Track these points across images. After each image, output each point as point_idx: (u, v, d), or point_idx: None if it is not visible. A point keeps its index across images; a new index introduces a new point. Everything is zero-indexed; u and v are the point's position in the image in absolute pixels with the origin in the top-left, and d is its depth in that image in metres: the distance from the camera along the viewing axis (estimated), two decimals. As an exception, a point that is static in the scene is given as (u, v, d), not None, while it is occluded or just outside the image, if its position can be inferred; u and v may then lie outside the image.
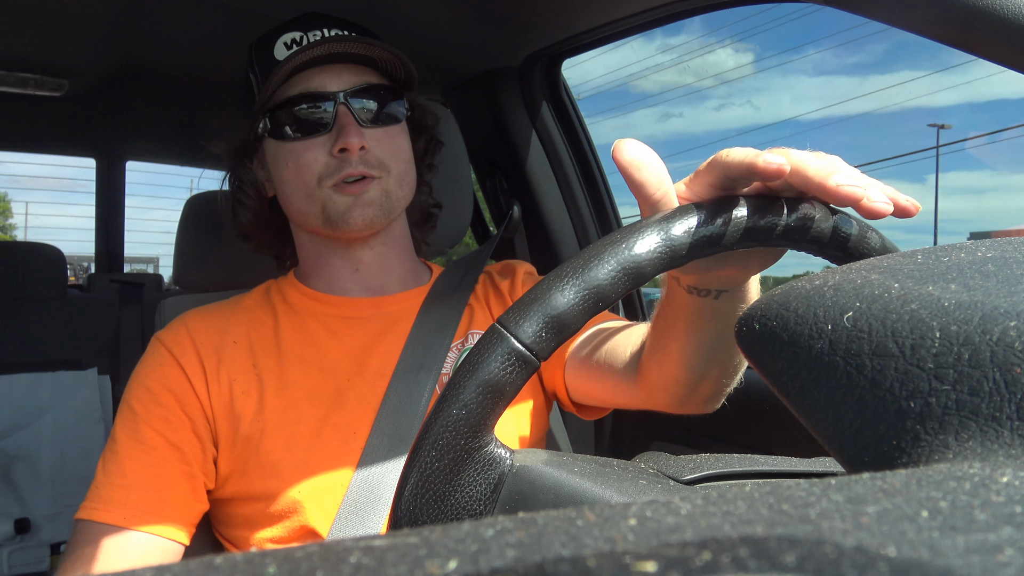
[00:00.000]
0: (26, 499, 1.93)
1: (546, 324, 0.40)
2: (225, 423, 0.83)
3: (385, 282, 0.94)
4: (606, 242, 0.41)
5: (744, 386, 0.71)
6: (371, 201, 0.86)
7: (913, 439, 0.24)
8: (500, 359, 0.39)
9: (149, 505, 0.77)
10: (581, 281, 0.40)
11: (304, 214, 0.89)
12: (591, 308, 0.41)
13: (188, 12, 1.36)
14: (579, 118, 1.51)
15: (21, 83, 1.73)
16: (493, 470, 0.41)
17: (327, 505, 0.81)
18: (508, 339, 0.40)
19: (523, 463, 0.42)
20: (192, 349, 0.86)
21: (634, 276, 0.41)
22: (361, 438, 0.82)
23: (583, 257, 0.41)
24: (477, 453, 0.41)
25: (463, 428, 0.40)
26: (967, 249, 0.32)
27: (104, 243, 2.53)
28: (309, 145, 0.86)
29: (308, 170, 0.86)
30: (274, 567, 0.14)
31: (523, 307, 0.40)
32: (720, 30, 79.22)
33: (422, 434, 0.40)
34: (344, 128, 0.85)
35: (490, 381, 0.39)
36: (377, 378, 0.86)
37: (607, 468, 0.43)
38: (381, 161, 0.87)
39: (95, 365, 2.09)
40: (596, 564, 0.14)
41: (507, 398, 0.40)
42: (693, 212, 0.43)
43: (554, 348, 0.40)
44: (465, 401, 0.39)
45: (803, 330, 0.28)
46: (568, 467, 0.42)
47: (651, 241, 0.41)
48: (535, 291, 0.41)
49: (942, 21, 0.62)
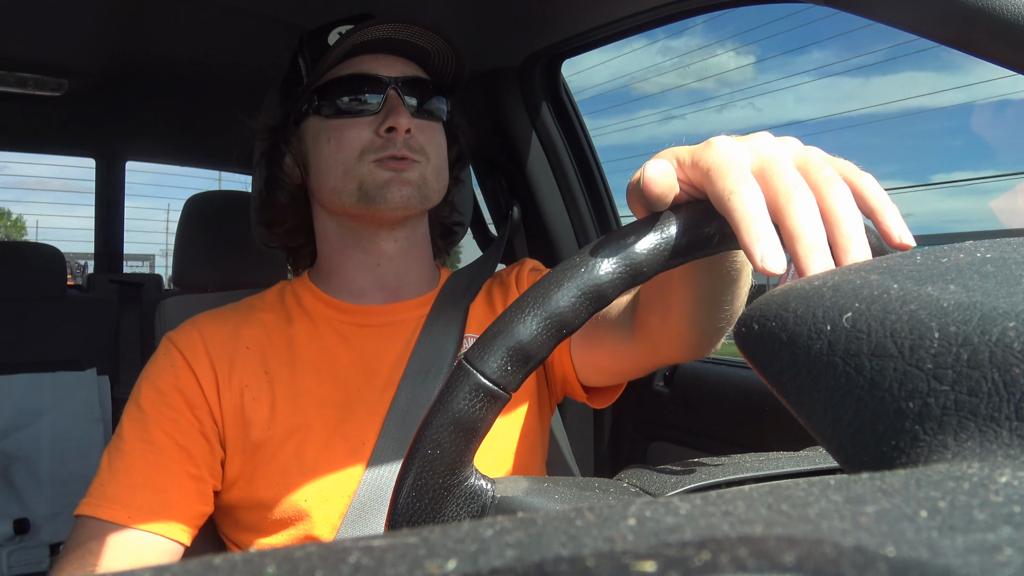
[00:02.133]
0: (25, 499, 1.93)
1: (510, 357, 0.40)
2: (234, 429, 0.83)
3: (401, 283, 0.94)
4: (565, 267, 0.41)
5: (744, 386, 0.71)
6: (410, 180, 0.86)
7: (912, 439, 0.24)
8: (468, 396, 0.40)
9: (154, 506, 0.77)
10: (542, 311, 0.40)
11: (338, 192, 0.88)
12: (555, 337, 0.40)
13: (188, 12, 1.36)
14: (579, 118, 1.51)
15: (21, 83, 1.72)
16: (475, 503, 0.42)
17: (333, 514, 0.80)
18: (474, 375, 0.40)
19: (504, 494, 0.42)
20: (204, 353, 0.85)
21: (596, 300, 0.41)
22: (369, 447, 0.82)
23: (543, 286, 0.41)
24: (457, 489, 0.41)
25: (439, 468, 0.40)
26: (966, 250, 0.32)
27: (104, 243, 2.53)
28: (355, 123, 0.87)
29: (351, 145, 0.87)
30: (273, 567, 0.14)
31: (486, 342, 0.40)
32: (719, 29, 79.16)
33: (401, 476, 0.41)
34: (394, 110, 0.86)
35: (460, 419, 0.40)
36: (387, 386, 0.86)
37: (587, 491, 0.44)
38: (423, 147, 0.88)
39: (94, 365, 2.09)
40: (595, 564, 0.14)
41: (480, 434, 0.40)
42: (652, 226, 0.42)
43: (522, 380, 0.41)
44: (438, 441, 0.40)
45: (802, 330, 0.29)
46: (548, 495, 0.42)
47: (610, 263, 0.41)
48: (497, 324, 0.41)
49: (942, 21, 0.62)
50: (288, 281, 0.98)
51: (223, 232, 1.30)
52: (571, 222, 1.49)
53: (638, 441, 1.45)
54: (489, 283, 0.99)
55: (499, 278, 1.00)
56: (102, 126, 2.19)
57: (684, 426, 1.36)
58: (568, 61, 1.45)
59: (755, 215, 0.37)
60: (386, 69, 0.89)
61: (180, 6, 1.33)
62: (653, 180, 0.41)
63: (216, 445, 0.83)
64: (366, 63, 0.88)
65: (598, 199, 1.50)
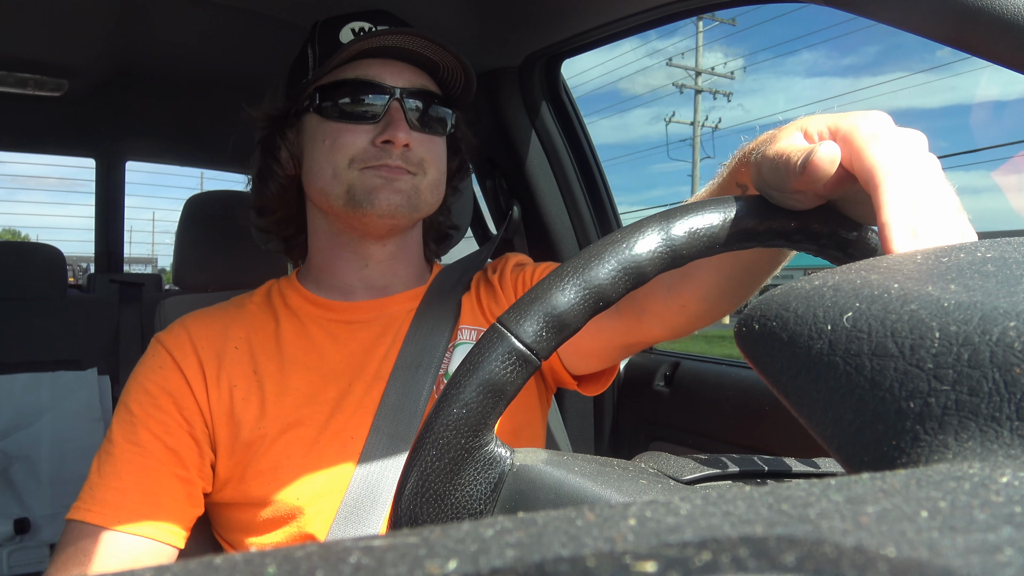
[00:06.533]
0: (26, 499, 1.93)
1: (547, 323, 0.40)
2: (224, 428, 0.83)
3: (389, 283, 0.94)
4: (607, 242, 0.42)
5: (744, 386, 0.71)
6: (401, 189, 0.85)
7: (912, 439, 0.24)
8: (500, 358, 0.39)
9: (143, 509, 0.77)
10: (582, 280, 0.40)
11: (327, 194, 0.87)
12: (592, 308, 0.41)
13: (188, 12, 1.36)
14: (579, 118, 1.51)
15: (21, 83, 1.72)
16: (493, 469, 0.41)
17: (326, 510, 0.80)
18: (508, 338, 0.40)
19: (523, 462, 0.42)
20: (193, 353, 0.85)
21: (635, 276, 0.41)
22: (360, 441, 0.82)
23: (584, 257, 0.41)
24: (477, 452, 0.41)
25: (463, 427, 0.40)
26: (967, 249, 0.32)
27: (104, 243, 2.53)
28: (352, 129, 0.86)
29: (343, 150, 0.85)
30: (273, 567, 0.14)
31: (524, 306, 0.40)
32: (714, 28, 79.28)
33: (423, 433, 0.40)
34: (393, 122, 0.85)
35: (490, 380, 0.39)
36: (376, 381, 0.86)
37: (607, 468, 0.43)
38: (421, 161, 0.87)
39: (95, 365, 2.09)
40: (596, 564, 0.14)
41: (507, 397, 0.40)
42: (694, 212, 0.43)
43: (554, 347, 0.40)
44: (466, 400, 0.39)
45: (803, 330, 0.28)
46: (568, 466, 0.42)
47: (652, 241, 0.41)
48: (536, 290, 0.41)
49: (942, 21, 0.62)
50: (276, 281, 0.98)
51: (223, 232, 1.30)
52: (571, 222, 1.49)
53: (638, 441, 1.45)
54: (478, 278, 0.99)
55: (485, 274, 1.00)
56: (102, 126, 2.19)
57: (684, 426, 1.36)
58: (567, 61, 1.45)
59: (905, 201, 0.38)
60: (393, 78, 0.87)
61: (180, 6, 1.33)
62: (824, 162, 0.40)
63: (206, 447, 0.83)
64: (373, 68, 0.87)
65: (598, 199, 1.50)
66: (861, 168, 0.40)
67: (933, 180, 0.39)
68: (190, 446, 0.81)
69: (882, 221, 0.38)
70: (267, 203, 0.97)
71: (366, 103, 0.86)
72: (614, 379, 0.94)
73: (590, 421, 1.52)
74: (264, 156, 0.95)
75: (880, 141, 0.40)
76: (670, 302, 0.71)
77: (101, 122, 2.15)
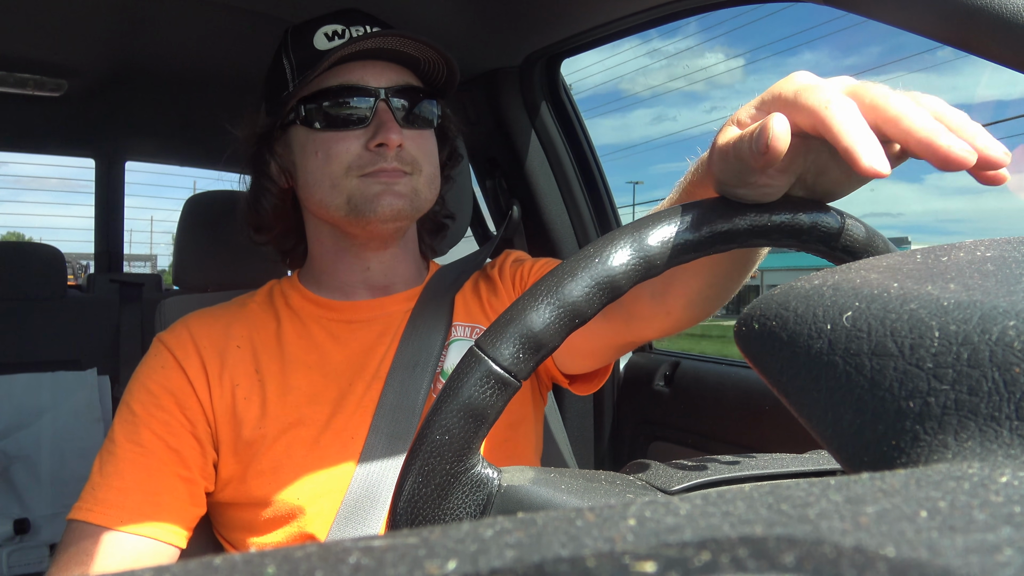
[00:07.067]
0: (26, 499, 1.93)
1: (523, 345, 0.40)
2: (226, 427, 0.83)
3: (389, 282, 0.94)
4: (580, 257, 0.41)
5: (744, 386, 0.71)
6: (401, 193, 0.85)
7: (912, 439, 0.24)
8: (479, 383, 0.40)
9: (145, 509, 0.77)
10: (555, 299, 0.40)
11: (326, 205, 0.87)
12: (567, 326, 0.41)
13: (188, 12, 1.36)
14: (579, 118, 1.51)
15: (21, 83, 1.72)
16: (481, 491, 0.42)
17: (326, 510, 0.80)
18: (485, 362, 0.40)
19: (511, 483, 0.42)
20: (195, 352, 0.85)
21: (609, 291, 0.41)
22: (360, 441, 0.82)
23: (557, 275, 0.41)
24: (463, 476, 0.41)
25: (447, 453, 0.40)
26: (966, 249, 0.32)
27: (104, 243, 2.53)
28: (343, 137, 0.85)
29: (338, 160, 0.85)
30: (273, 567, 0.14)
31: (499, 328, 0.40)
32: (713, 27, 79.22)
33: (408, 461, 0.41)
34: (384, 124, 0.84)
35: (470, 405, 0.40)
36: (375, 380, 0.86)
37: (594, 483, 0.43)
38: (415, 160, 0.87)
39: (95, 365, 2.09)
40: (595, 564, 0.14)
41: (489, 421, 0.40)
42: (668, 219, 0.42)
43: (533, 368, 0.41)
44: (447, 426, 0.40)
45: (802, 330, 0.28)
46: (555, 484, 0.42)
47: (624, 255, 0.41)
48: (511, 311, 0.41)
49: (942, 21, 0.62)
50: (278, 281, 0.98)
51: (223, 232, 1.30)
52: (571, 221, 1.49)
53: (638, 441, 1.45)
54: (476, 276, 0.99)
55: (485, 271, 1.00)
56: (102, 126, 2.19)
57: (684, 426, 1.36)
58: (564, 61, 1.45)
59: (855, 120, 0.38)
60: (376, 78, 0.86)
61: (180, 6, 1.33)
62: (779, 130, 0.40)
63: (208, 446, 0.83)
64: (355, 71, 0.86)
65: (598, 198, 1.50)
66: (805, 119, 0.40)
67: (867, 90, 0.40)
68: (192, 446, 0.82)
69: (843, 147, 0.38)
70: (264, 221, 0.96)
71: (353, 108, 0.85)
72: (614, 379, 0.94)
73: (590, 421, 1.52)
74: (255, 174, 0.95)
75: (808, 89, 0.41)
76: (656, 308, 0.71)
77: (100, 122, 2.15)
